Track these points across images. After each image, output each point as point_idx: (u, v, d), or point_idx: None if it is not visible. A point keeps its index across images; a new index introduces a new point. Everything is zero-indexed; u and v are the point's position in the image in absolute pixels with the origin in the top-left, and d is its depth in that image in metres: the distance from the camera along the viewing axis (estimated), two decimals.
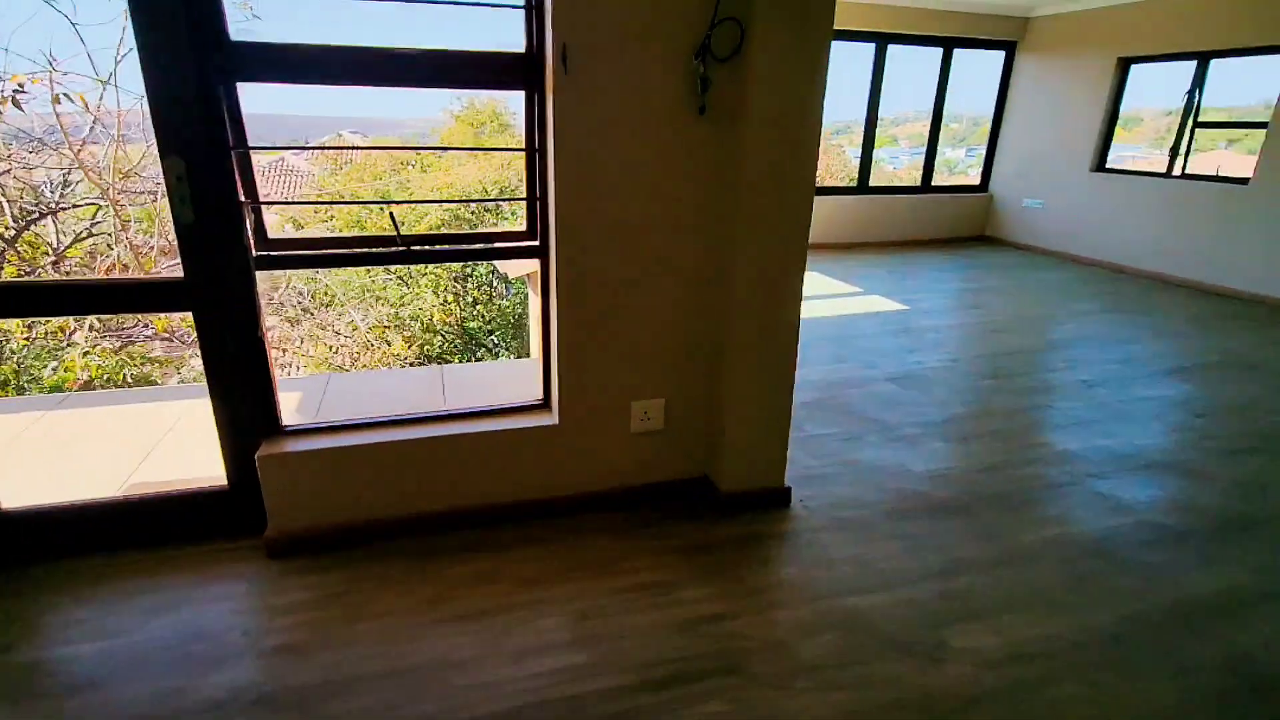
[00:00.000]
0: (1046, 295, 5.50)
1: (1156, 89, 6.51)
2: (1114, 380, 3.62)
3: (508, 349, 8.53)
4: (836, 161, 9.57)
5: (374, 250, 1.98)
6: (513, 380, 3.04)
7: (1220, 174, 5.82)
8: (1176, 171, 6.08)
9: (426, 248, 1.99)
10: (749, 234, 1.99)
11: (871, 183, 7.49)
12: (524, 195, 2.02)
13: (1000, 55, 7.40)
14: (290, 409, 2.50)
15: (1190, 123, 5.97)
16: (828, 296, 5.29)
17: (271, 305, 7.22)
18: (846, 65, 7.30)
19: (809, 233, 2.08)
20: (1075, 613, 1.85)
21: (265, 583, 1.87)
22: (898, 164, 9.64)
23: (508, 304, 8.69)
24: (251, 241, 1.83)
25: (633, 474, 2.26)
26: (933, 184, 7.67)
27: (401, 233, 1.91)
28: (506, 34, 1.94)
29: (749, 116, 1.89)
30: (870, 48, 6.85)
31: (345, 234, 6.49)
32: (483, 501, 2.14)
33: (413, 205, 8.02)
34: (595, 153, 1.87)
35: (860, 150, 7.32)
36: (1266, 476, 2.63)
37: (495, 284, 8.84)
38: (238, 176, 1.76)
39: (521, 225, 2.07)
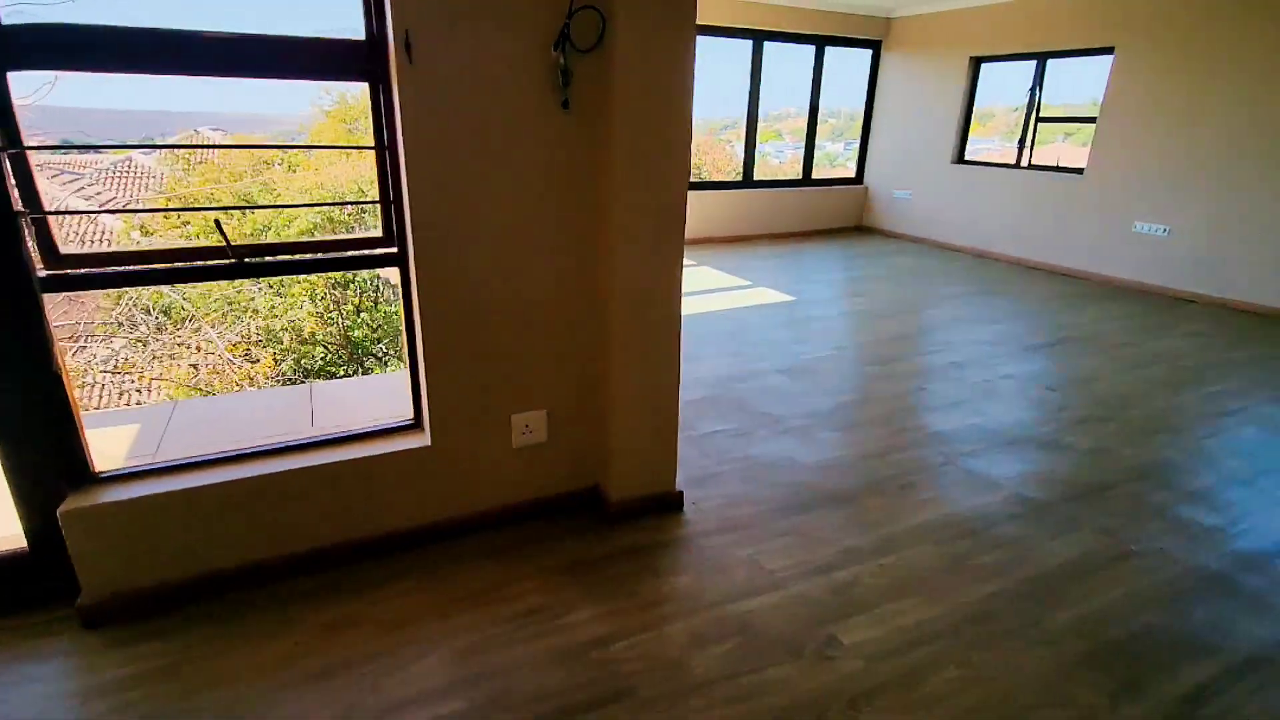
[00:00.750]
0: (919, 281, 5.82)
1: (1005, 86, 7.05)
2: (981, 360, 3.85)
3: (399, 358, 8.09)
4: (723, 156, 9.77)
5: (199, 264, 1.74)
6: (392, 396, 2.82)
7: (1060, 165, 6.38)
8: (1024, 163, 6.61)
9: (262, 259, 1.76)
10: (622, 232, 1.91)
11: (756, 176, 7.67)
12: (379, 198, 1.84)
13: (868, 54, 7.78)
14: (120, 449, 2.18)
15: (1034, 118, 6.51)
16: (718, 290, 5.35)
17: (108, 325, 6.45)
18: (729, 62, 7.44)
19: (685, 229, 2.03)
20: (951, 594, 1.90)
21: (81, 659, 1.60)
22: (782, 158, 9.96)
23: (396, 310, 8.24)
24: (36, 259, 1.54)
25: (517, 491, 2.14)
26: (813, 177, 7.96)
27: (263, 241, 1.68)
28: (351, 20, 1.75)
29: (615, 110, 1.80)
30: (748, 45, 6.99)
31: (168, 246, 5.88)
32: (347, 537, 1.94)
33: (258, 209, 7.40)
34: (451, 150, 1.72)
35: (744, 144, 7.48)
36: (1112, 442, 2.86)
37: (380, 289, 8.36)
38: (10, 183, 1.48)
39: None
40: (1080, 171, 6.03)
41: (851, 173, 8.34)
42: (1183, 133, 5.24)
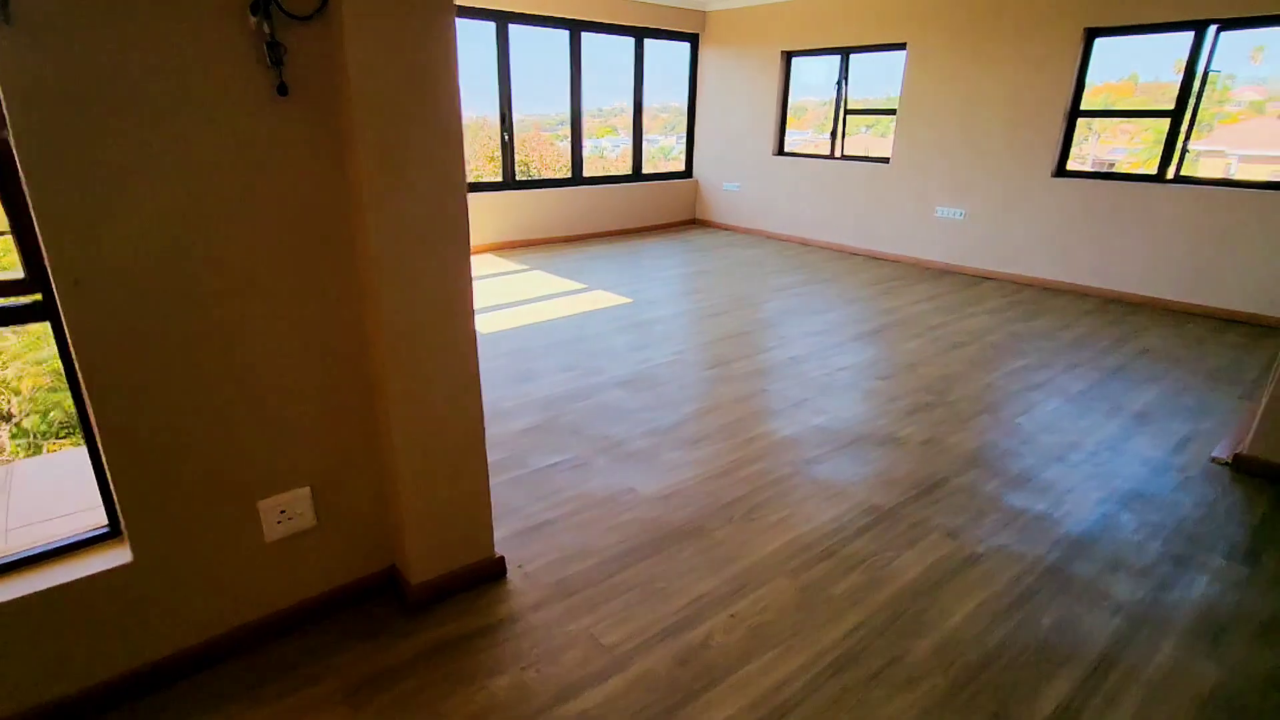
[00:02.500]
0: (752, 274, 5.85)
1: (817, 80, 7.33)
2: (816, 353, 3.84)
3: None
4: (553, 153, 9.40)
5: None
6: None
7: (869, 155, 6.73)
8: (838, 154, 6.91)
9: None
10: (379, 258, 1.49)
11: (587, 173, 7.40)
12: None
13: (686, 46, 7.77)
14: None
15: (842, 110, 6.81)
16: (553, 297, 4.99)
17: None
18: (550, 54, 7.07)
19: (469, 242, 1.64)
20: (810, 638, 1.71)
21: None
22: (619, 153, 9.80)
23: None
24: None
25: (278, 597, 1.65)
26: (644, 172, 7.84)
27: None
28: None
29: (353, 96, 1.37)
30: (565, 35, 6.67)
31: None
32: (15, 710, 1.36)
33: None
34: (94, 154, 1.21)
35: (570, 140, 7.16)
36: (941, 430, 2.89)
37: None
38: None
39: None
40: (887, 161, 6.38)
41: (682, 166, 8.34)
42: (968, 122, 5.68)
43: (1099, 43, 4.97)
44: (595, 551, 2.04)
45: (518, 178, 6.77)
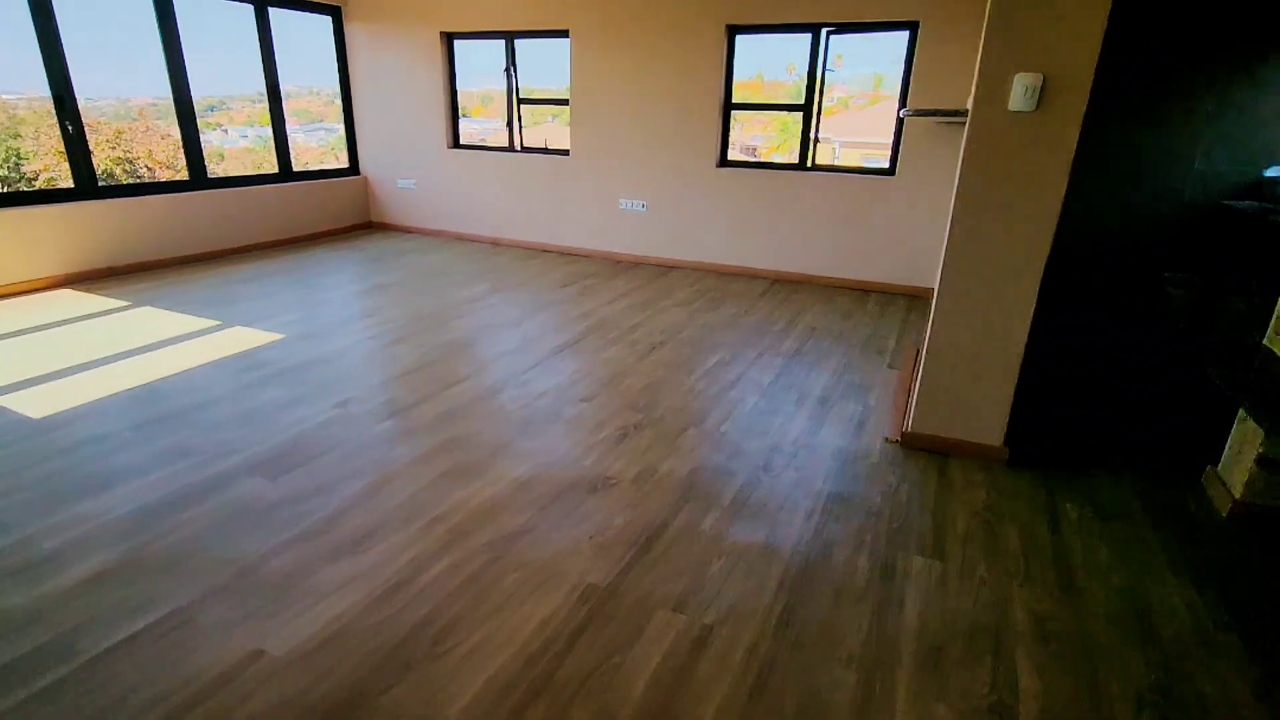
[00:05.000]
0: (438, 284, 5.16)
1: (489, 66, 6.78)
2: (513, 378, 3.36)
3: None
4: (163, 148, 7.34)
5: None
6: None
7: (548, 146, 6.45)
8: (517, 146, 6.51)
9: None
10: None
11: (216, 172, 5.86)
12: None
13: (328, 21, 6.60)
14: None
15: (515, 100, 6.40)
16: (164, 344, 3.71)
17: None
18: (143, 17, 5.32)
19: None
20: None
21: None
22: (238, 144, 8.04)
23: None
24: None
25: None
26: (295, 170, 6.52)
27: None
28: None
29: None
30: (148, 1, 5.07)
31: None
32: None
33: None
34: None
35: (180, 132, 5.56)
36: (654, 457, 2.63)
37: None
38: None
39: None
40: (567, 153, 6.15)
41: (346, 162, 7.17)
42: (640, 114, 5.69)
43: (740, 41, 5.28)
44: None
45: (100, 182, 5.03)
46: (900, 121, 4.94)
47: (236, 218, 5.90)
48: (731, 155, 5.70)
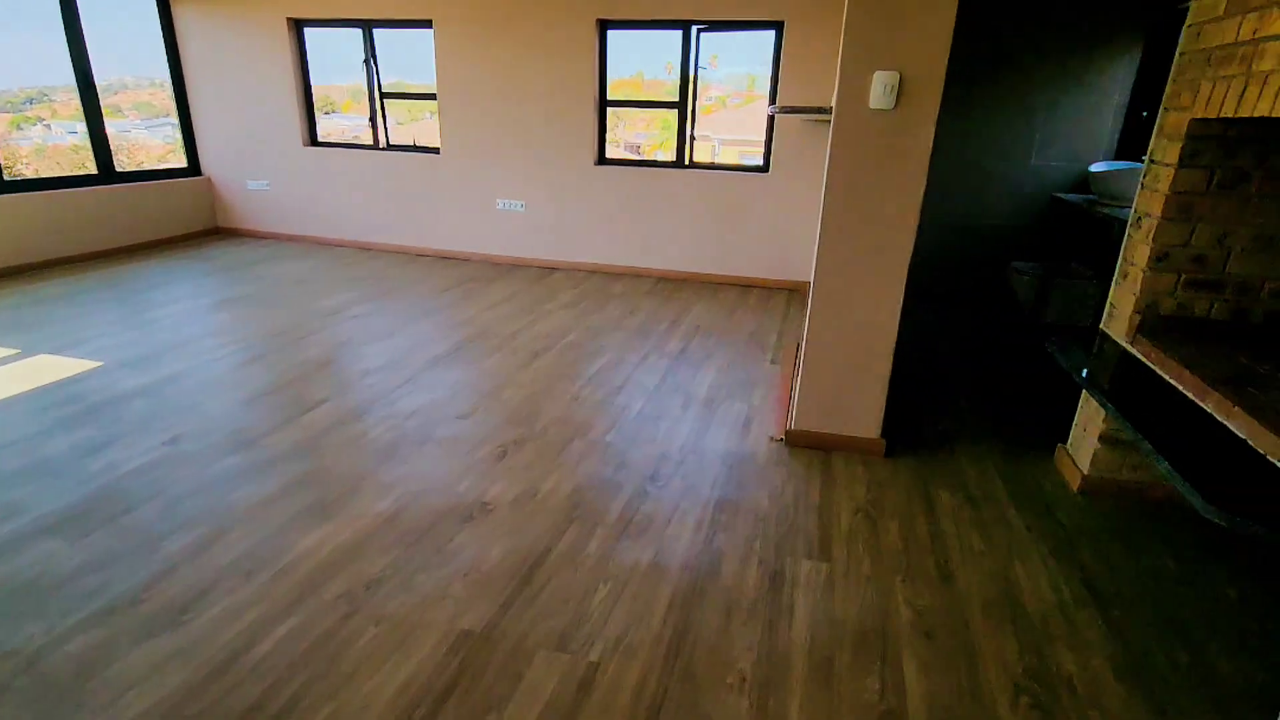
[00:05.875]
0: (297, 294, 4.70)
1: (349, 56, 6.26)
2: (380, 398, 3.07)
3: None
4: None
5: None
6: None
7: (417, 144, 6.07)
8: (382, 143, 6.07)
9: None
10: None
11: (24, 173, 5.03)
12: None
13: (150, 2, 5.85)
14: None
15: (378, 94, 5.96)
16: None
17: None
18: None
19: None
20: None
21: None
22: (64, 141, 7.00)
23: None
24: None
25: None
26: (118, 171, 5.73)
27: None
28: None
29: None
30: None
31: None
32: None
33: None
34: None
35: None
36: (535, 475, 2.46)
37: None
38: None
39: None
40: (438, 151, 5.81)
41: (185, 161, 6.40)
42: (514, 111, 5.45)
43: (613, 37, 5.17)
44: None
45: None
46: (771, 119, 5.02)
47: (44, 227, 5.10)
48: (616, 153, 5.60)
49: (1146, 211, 2.24)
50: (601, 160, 5.47)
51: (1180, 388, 1.88)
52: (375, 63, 5.84)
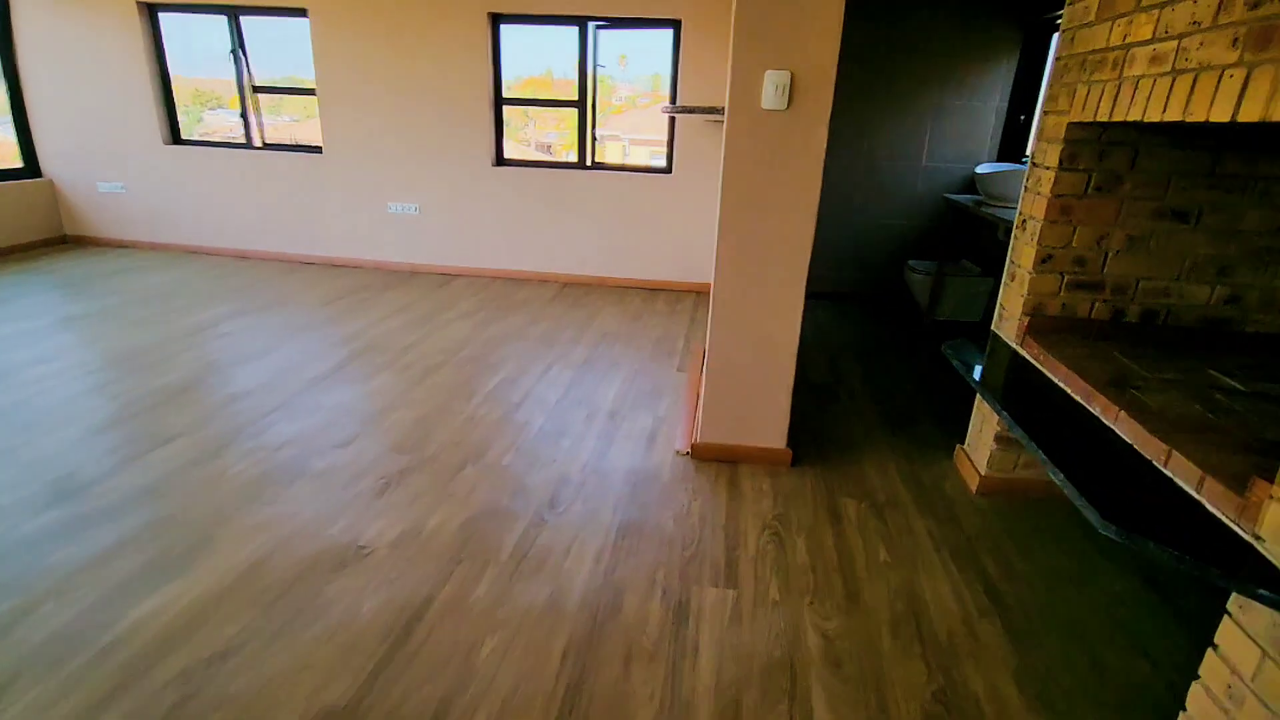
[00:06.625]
0: (158, 310, 4.20)
1: (212, 48, 5.69)
2: (245, 428, 2.74)
3: None
4: None
5: None
6: None
7: (297, 143, 5.60)
8: (257, 142, 5.56)
9: None
10: None
11: None
12: None
13: None
14: None
15: (250, 88, 5.45)
16: None
17: None
18: None
19: None
20: None
21: None
22: None
23: None
24: None
25: None
26: None
27: None
28: None
29: None
30: None
31: None
32: None
33: None
34: None
35: None
36: (421, 509, 2.23)
37: None
38: None
39: None
40: (320, 150, 5.37)
41: (20, 162, 5.64)
42: (403, 107, 5.10)
43: (511, 32, 4.93)
44: None
45: None
46: (672, 120, 4.93)
47: None
48: (527, 153, 5.34)
49: (1031, 214, 2.27)
50: (500, 161, 5.22)
51: (1069, 391, 1.89)
52: (245, 54, 5.33)
